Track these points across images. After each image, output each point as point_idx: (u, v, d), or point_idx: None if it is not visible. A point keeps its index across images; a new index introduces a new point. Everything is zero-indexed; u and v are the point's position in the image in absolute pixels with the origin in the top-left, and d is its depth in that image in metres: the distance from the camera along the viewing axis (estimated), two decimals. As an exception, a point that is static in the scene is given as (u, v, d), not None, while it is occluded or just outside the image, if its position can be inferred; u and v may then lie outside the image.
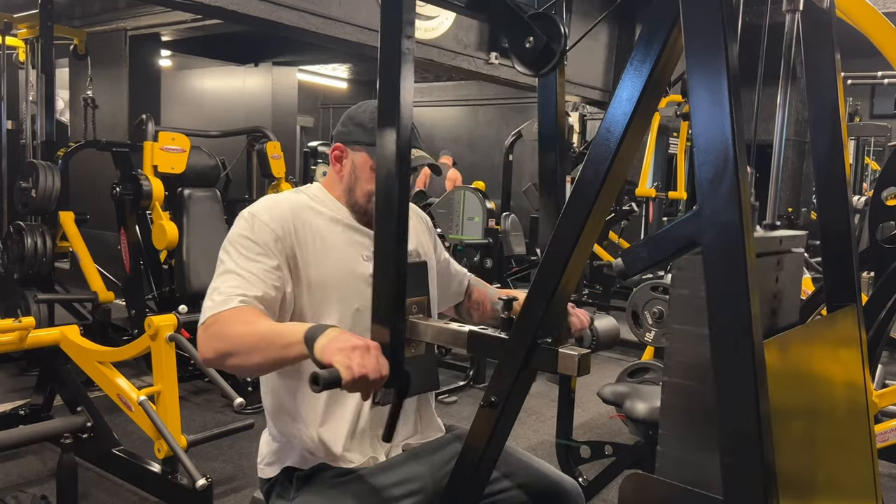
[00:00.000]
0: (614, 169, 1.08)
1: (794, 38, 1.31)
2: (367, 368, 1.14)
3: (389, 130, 1.18)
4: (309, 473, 1.45)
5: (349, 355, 1.14)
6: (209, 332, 1.34)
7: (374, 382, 1.16)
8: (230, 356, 1.31)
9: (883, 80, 6.08)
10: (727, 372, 0.92)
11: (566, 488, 1.55)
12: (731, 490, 0.93)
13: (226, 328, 1.32)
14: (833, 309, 1.45)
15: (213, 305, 1.36)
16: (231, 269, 1.41)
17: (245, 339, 1.29)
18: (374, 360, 1.16)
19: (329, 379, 1.12)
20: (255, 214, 1.46)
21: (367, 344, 1.18)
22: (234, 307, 1.34)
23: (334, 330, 1.21)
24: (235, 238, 1.45)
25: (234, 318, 1.33)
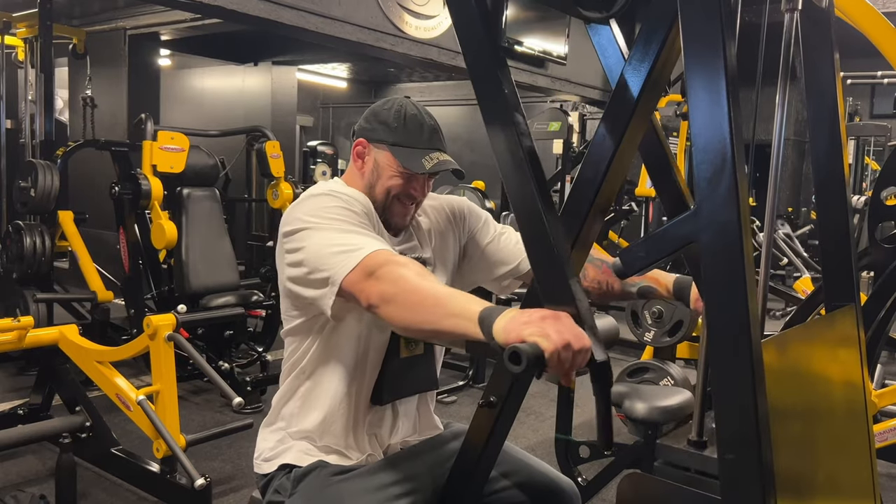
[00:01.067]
0: (613, 168, 1.08)
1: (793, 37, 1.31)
2: (567, 335, 0.98)
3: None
4: (306, 471, 1.45)
5: (541, 325, 0.99)
6: (377, 273, 1.20)
7: (579, 353, 0.99)
8: (393, 303, 1.18)
9: (883, 80, 6.08)
10: (726, 371, 0.92)
11: (563, 488, 1.55)
12: (729, 490, 0.92)
13: (398, 271, 1.19)
14: (832, 309, 1.45)
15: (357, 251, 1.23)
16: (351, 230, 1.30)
17: (418, 290, 1.16)
18: (570, 327, 1.00)
19: (532, 353, 0.95)
20: (337, 193, 1.38)
21: (556, 313, 1.03)
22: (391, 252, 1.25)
23: (513, 310, 1.06)
24: (325, 208, 1.34)
25: (407, 263, 1.22)
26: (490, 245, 1.65)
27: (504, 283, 1.67)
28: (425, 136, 1.48)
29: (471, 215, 1.67)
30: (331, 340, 1.45)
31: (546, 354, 0.96)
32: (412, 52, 6.01)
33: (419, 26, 6.00)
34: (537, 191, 1.08)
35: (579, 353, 0.99)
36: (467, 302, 1.11)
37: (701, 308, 1.45)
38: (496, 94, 1.11)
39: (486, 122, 1.13)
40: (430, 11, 6.07)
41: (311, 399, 1.48)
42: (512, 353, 0.96)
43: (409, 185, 1.48)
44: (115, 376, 2.81)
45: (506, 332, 1.02)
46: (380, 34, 5.65)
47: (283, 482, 1.46)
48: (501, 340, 1.02)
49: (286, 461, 1.48)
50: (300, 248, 1.33)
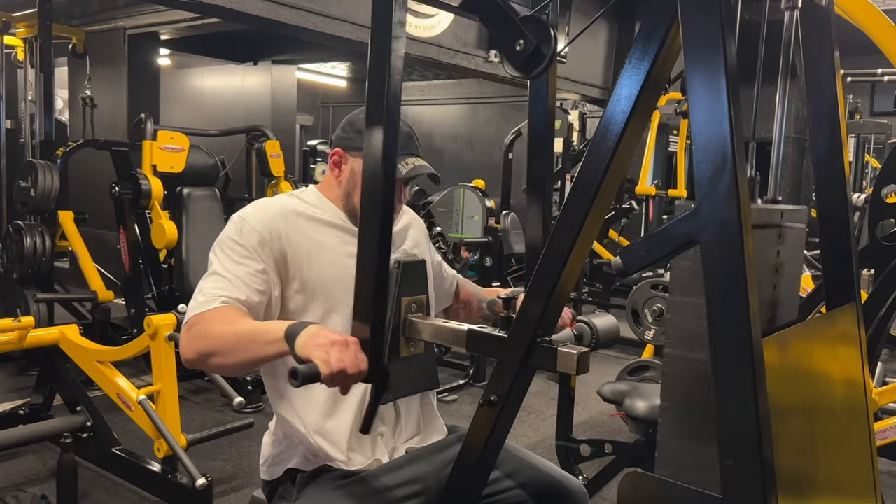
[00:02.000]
0: (613, 167, 1.08)
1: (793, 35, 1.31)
2: (346, 363, 1.15)
3: (376, 128, 1.20)
4: (311, 475, 1.45)
5: (328, 350, 1.15)
6: (191, 332, 1.36)
7: (353, 377, 1.17)
8: (212, 356, 1.32)
9: (883, 78, 6.07)
10: (726, 370, 0.92)
11: (570, 487, 1.55)
12: (730, 488, 0.92)
13: (207, 328, 1.33)
14: (833, 307, 1.45)
15: (195, 306, 1.38)
16: (217, 272, 1.43)
17: (226, 339, 1.31)
18: (352, 354, 1.17)
19: (307, 373, 1.13)
20: (244, 218, 1.47)
21: (345, 339, 1.18)
22: (216, 307, 1.35)
23: (314, 326, 1.21)
24: (224, 241, 1.47)
25: (216, 318, 1.34)
26: (436, 264, 1.77)
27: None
28: (401, 142, 1.49)
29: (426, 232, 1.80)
30: None
31: (321, 377, 1.14)
32: (411, 51, 6.00)
33: (419, 25, 6.00)
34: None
35: (352, 377, 1.17)
36: (273, 326, 1.27)
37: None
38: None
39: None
40: (429, 11, 6.06)
41: (312, 405, 1.47)
42: (291, 371, 1.13)
43: None
44: (116, 376, 2.82)
45: (303, 348, 1.19)
46: (379, 33, 5.64)
47: (289, 487, 1.47)
48: (299, 354, 1.19)
49: (291, 466, 1.48)
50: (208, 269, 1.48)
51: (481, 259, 4.93)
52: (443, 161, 10.46)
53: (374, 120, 1.20)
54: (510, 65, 1.27)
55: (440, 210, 5.63)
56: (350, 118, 1.56)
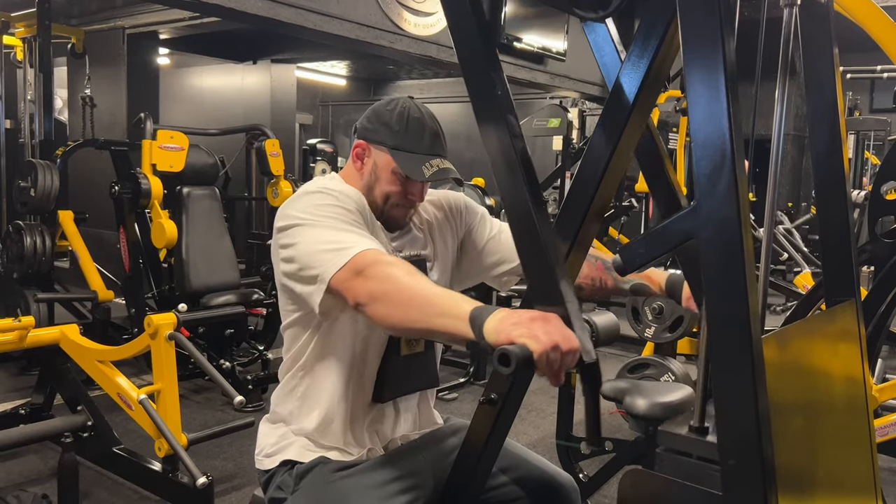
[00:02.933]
0: (613, 165, 1.08)
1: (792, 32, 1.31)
2: (556, 336, 1.00)
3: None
4: (308, 467, 1.45)
5: (530, 327, 1.01)
6: (365, 272, 1.20)
7: (567, 355, 1.01)
8: (381, 301, 1.18)
9: (882, 75, 6.08)
10: (726, 368, 0.92)
11: (562, 483, 1.56)
12: (730, 486, 0.93)
13: (387, 271, 1.19)
14: (832, 304, 1.45)
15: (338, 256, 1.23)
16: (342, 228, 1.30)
17: (407, 288, 1.17)
18: (559, 328, 1.02)
19: (521, 355, 0.97)
20: (331, 190, 1.39)
21: (545, 314, 1.04)
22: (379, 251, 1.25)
23: (503, 310, 1.06)
24: (325, 208, 1.33)
25: (396, 262, 1.22)
26: (489, 242, 1.65)
27: (503, 280, 1.67)
28: (426, 142, 1.46)
29: (468, 211, 1.66)
30: (330, 336, 1.45)
31: (535, 356, 0.98)
32: (411, 50, 6.00)
33: (418, 23, 5.99)
34: (529, 193, 1.08)
35: (568, 355, 1.01)
36: (458, 301, 1.12)
37: (692, 306, 1.46)
38: (490, 96, 1.11)
39: (480, 123, 1.13)
40: (428, 9, 6.06)
41: (312, 396, 1.48)
42: (501, 355, 0.98)
43: (408, 189, 1.47)
44: (117, 375, 2.82)
45: (496, 333, 1.03)
46: (379, 31, 5.65)
47: (286, 479, 1.47)
48: (492, 341, 1.03)
49: (288, 457, 1.48)
50: (292, 244, 1.33)
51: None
52: (442, 159, 10.43)
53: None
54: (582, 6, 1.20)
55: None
56: (377, 109, 1.50)
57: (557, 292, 1.06)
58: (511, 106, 1.12)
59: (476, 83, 1.13)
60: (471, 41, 1.12)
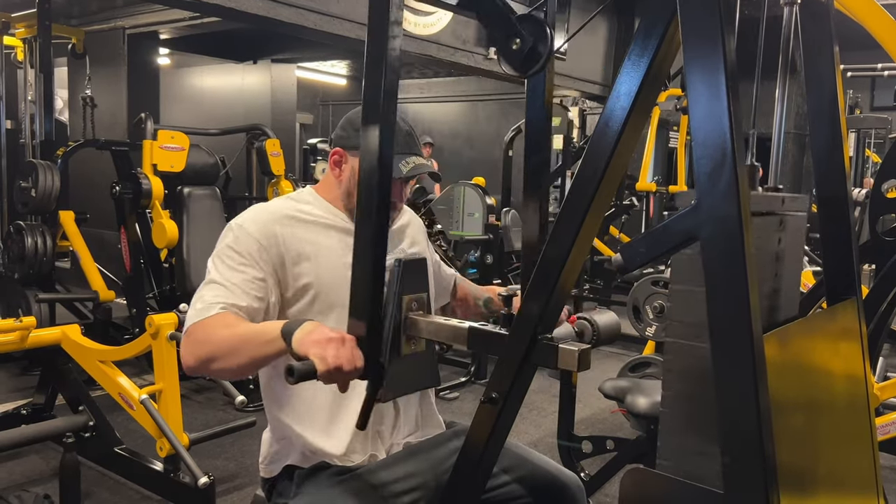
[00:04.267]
0: (613, 163, 1.08)
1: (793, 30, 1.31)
2: (342, 359, 1.16)
3: (372, 126, 1.20)
4: (310, 472, 1.45)
5: (324, 347, 1.16)
6: (190, 339, 1.36)
7: (349, 374, 1.18)
8: (212, 360, 1.33)
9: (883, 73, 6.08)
10: (727, 366, 0.92)
11: (567, 482, 1.55)
12: (731, 484, 0.92)
13: (206, 333, 1.34)
14: (833, 302, 1.45)
15: (194, 314, 1.38)
16: (215, 280, 1.44)
17: (225, 342, 1.31)
18: (348, 351, 1.17)
19: (303, 370, 1.14)
20: (240, 225, 1.48)
21: (342, 336, 1.19)
22: (215, 314, 1.36)
23: (310, 323, 1.22)
24: (222, 249, 1.47)
25: (214, 324, 1.35)
26: (434, 263, 1.76)
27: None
28: (400, 140, 1.50)
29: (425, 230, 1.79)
30: None
31: (318, 374, 1.15)
32: (411, 49, 6.00)
33: (417, 23, 5.99)
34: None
35: (348, 374, 1.18)
36: (270, 326, 1.28)
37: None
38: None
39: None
40: (428, 8, 6.05)
41: (310, 402, 1.47)
42: (287, 368, 1.14)
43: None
44: (118, 376, 2.82)
45: (299, 344, 1.19)
46: (379, 31, 5.64)
47: (287, 484, 1.47)
48: (296, 350, 1.19)
49: (289, 463, 1.48)
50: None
51: (482, 256, 4.93)
52: (443, 159, 10.45)
53: (371, 119, 1.20)
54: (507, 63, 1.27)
55: (441, 208, 5.63)
56: (349, 117, 1.55)
57: (365, 311, 1.21)
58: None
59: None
60: None
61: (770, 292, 1.30)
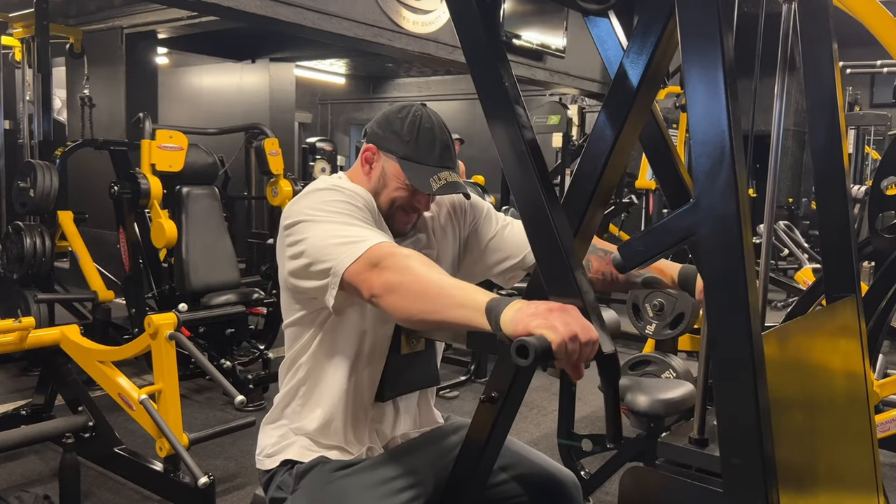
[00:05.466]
0: (612, 161, 1.08)
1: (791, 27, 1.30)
2: (575, 327, 0.98)
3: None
4: (308, 466, 1.45)
5: (547, 317, 0.99)
6: (381, 264, 1.19)
7: (586, 346, 0.99)
8: (397, 292, 1.17)
9: (882, 70, 6.07)
10: (727, 364, 0.92)
11: (563, 480, 1.55)
12: (730, 482, 0.92)
13: (403, 262, 1.18)
14: (833, 299, 1.45)
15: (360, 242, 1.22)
16: (353, 223, 1.29)
17: (423, 280, 1.15)
18: (577, 319, 1.00)
19: (540, 346, 0.94)
20: (340, 187, 1.39)
21: (563, 305, 1.02)
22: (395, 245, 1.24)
23: (519, 301, 1.05)
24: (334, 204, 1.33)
25: (411, 254, 1.21)
26: (493, 240, 1.64)
27: (508, 276, 1.67)
28: (436, 154, 1.45)
29: (472, 208, 1.65)
30: (332, 336, 1.45)
31: (553, 347, 0.95)
32: (410, 47, 6.00)
33: (416, 21, 5.99)
34: (540, 183, 1.07)
35: (587, 345, 0.99)
36: (474, 293, 1.10)
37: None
38: (497, 88, 1.11)
39: (487, 116, 1.12)
40: (427, 6, 6.05)
41: (313, 396, 1.48)
42: (519, 346, 0.95)
43: (414, 198, 1.47)
44: (118, 376, 2.82)
45: (513, 324, 1.00)
46: (377, 29, 5.64)
47: (286, 478, 1.47)
48: (509, 332, 1.01)
49: (288, 457, 1.48)
50: (301, 239, 1.32)
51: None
52: (442, 157, 10.41)
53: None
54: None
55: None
56: (389, 115, 1.49)
57: (572, 283, 1.04)
58: (518, 96, 1.11)
59: (483, 76, 1.12)
60: (476, 33, 1.11)
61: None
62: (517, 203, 1.10)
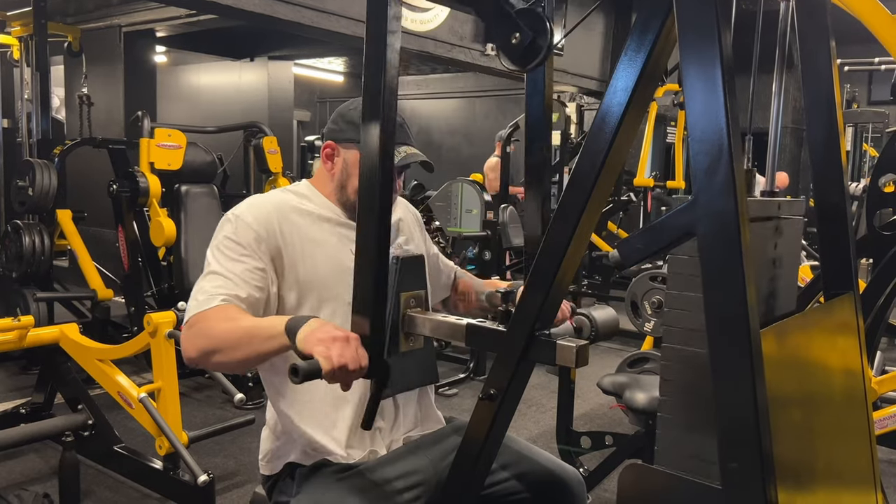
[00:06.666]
0: (611, 159, 1.08)
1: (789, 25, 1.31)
2: (346, 359, 1.15)
3: (374, 123, 1.19)
4: (311, 469, 1.45)
5: (329, 346, 1.15)
6: (192, 330, 1.36)
7: (354, 373, 1.17)
8: (214, 353, 1.32)
9: (880, 67, 6.08)
10: (724, 361, 0.92)
11: (566, 477, 1.55)
12: (729, 479, 0.93)
13: (209, 326, 1.33)
14: (831, 296, 1.45)
15: (196, 305, 1.38)
16: (215, 270, 1.43)
17: (228, 335, 1.30)
18: (353, 350, 1.17)
19: (308, 370, 1.13)
20: (238, 216, 1.47)
21: (346, 335, 1.18)
22: (217, 305, 1.35)
23: (315, 321, 1.21)
24: (220, 240, 1.46)
25: (217, 316, 1.34)
26: (432, 256, 1.75)
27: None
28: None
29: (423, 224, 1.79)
30: None
31: (322, 373, 1.13)
32: (408, 46, 5.99)
33: (414, 19, 5.98)
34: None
35: (353, 374, 1.17)
36: (274, 322, 1.26)
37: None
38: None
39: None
40: (425, 4, 6.04)
41: (313, 399, 1.47)
42: (292, 368, 1.12)
43: None
44: (117, 374, 2.82)
45: (304, 343, 1.18)
46: (376, 28, 5.63)
47: (288, 482, 1.47)
48: (300, 348, 1.18)
49: (290, 460, 1.48)
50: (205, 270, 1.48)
51: (480, 253, 4.93)
52: (441, 155, 10.45)
53: (372, 115, 1.20)
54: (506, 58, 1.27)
55: (439, 204, 5.61)
56: (340, 110, 1.56)
57: (370, 307, 1.20)
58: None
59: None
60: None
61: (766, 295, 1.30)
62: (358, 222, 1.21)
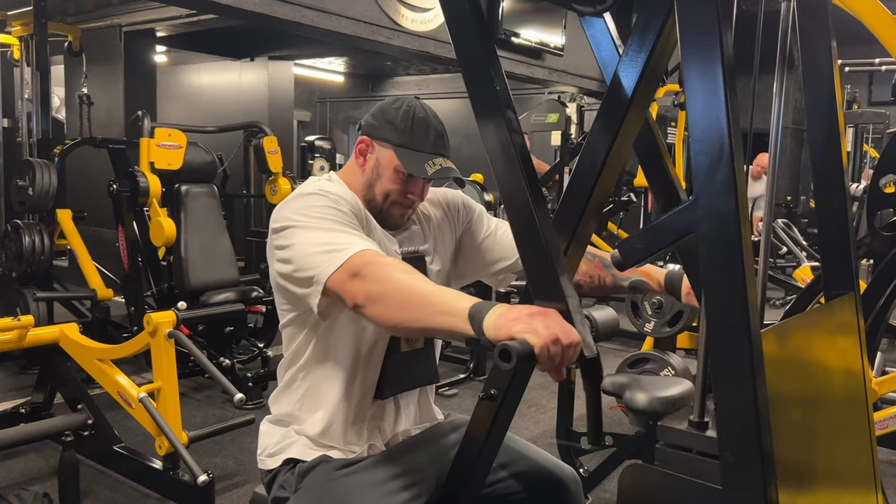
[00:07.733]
0: (611, 159, 1.08)
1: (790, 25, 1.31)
2: (557, 330, 0.99)
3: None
4: (311, 465, 1.45)
5: (529, 322, 1.00)
6: (361, 273, 1.19)
7: (568, 349, 1.00)
8: (379, 302, 1.17)
9: (881, 68, 6.07)
10: (725, 361, 0.92)
11: (564, 477, 1.56)
12: (729, 479, 0.93)
13: (383, 271, 1.19)
14: (831, 297, 1.45)
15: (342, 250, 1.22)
16: (337, 230, 1.30)
17: (405, 288, 1.16)
18: (558, 323, 1.01)
19: (522, 350, 0.96)
20: (325, 192, 1.38)
21: (543, 309, 1.04)
22: (372, 249, 1.25)
23: (501, 305, 1.06)
24: (319, 210, 1.33)
25: (392, 262, 1.22)
26: (487, 240, 1.66)
27: (500, 277, 1.68)
28: (431, 141, 1.47)
29: (465, 208, 1.67)
30: (330, 335, 1.45)
31: (536, 350, 0.97)
32: (408, 46, 5.99)
33: (415, 19, 5.98)
34: (528, 188, 1.09)
35: (568, 349, 1.00)
36: (456, 298, 1.11)
37: (692, 301, 1.48)
38: (488, 91, 1.11)
39: (478, 119, 1.13)
40: (425, 4, 6.04)
41: (313, 396, 1.48)
42: (502, 351, 0.97)
43: (409, 187, 1.48)
44: (117, 374, 2.82)
45: (496, 329, 1.02)
46: (376, 27, 5.64)
47: (288, 477, 1.47)
48: (492, 337, 1.02)
49: (290, 456, 1.48)
50: (288, 245, 1.33)
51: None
52: (441, 155, 10.41)
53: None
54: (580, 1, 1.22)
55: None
56: (383, 106, 1.51)
57: (557, 287, 1.05)
58: (509, 100, 1.12)
59: (474, 78, 1.13)
60: (469, 36, 1.12)
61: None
62: (506, 207, 1.11)
